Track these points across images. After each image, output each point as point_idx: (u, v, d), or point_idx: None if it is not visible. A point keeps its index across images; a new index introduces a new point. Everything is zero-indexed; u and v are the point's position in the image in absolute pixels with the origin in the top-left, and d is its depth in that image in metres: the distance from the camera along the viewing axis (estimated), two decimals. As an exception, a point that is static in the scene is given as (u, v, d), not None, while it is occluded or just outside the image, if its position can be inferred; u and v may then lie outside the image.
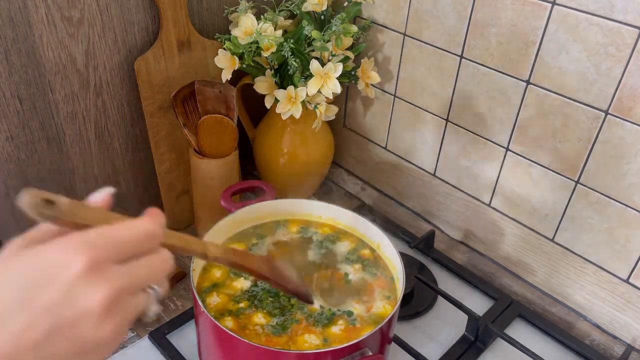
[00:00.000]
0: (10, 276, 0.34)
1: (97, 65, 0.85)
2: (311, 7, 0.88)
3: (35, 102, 0.81)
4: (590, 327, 0.86)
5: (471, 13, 0.83)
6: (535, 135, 0.84)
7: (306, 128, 0.97)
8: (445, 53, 0.89)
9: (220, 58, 0.88)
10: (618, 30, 0.70)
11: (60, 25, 0.79)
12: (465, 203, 0.97)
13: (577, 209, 0.83)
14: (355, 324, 0.65)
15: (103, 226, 0.37)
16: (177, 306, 0.86)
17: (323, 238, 0.77)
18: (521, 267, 0.93)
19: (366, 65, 0.93)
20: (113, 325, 0.35)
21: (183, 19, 0.89)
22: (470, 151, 0.93)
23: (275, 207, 0.78)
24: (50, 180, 0.88)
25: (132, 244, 0.38)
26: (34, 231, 0.37)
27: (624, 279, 0.81)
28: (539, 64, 0.79)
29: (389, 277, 0.72)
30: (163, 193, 0.97)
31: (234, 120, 0.89)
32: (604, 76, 0.73)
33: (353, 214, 0.77)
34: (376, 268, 0.73)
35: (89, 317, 0.34)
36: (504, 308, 0.86)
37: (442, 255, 0.96)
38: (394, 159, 1.06)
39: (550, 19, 0.75)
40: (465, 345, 0.81)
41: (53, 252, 0.35)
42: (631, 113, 0.73)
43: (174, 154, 0.95)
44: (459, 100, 0.91)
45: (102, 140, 0.91)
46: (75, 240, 0.35)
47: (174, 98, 0.86)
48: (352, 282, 0.71)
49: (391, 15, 0.94)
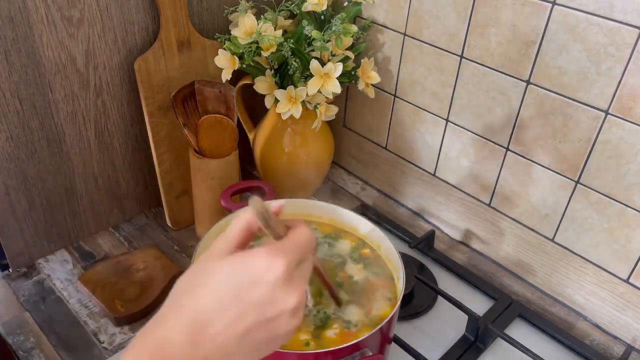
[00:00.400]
0: (226, 276, 0.42)
1: (97, 65, 0.85)
2: (311, 7, 0.88)
3: (35, 102, 0.81)
4: (590, 327, 0.86)
5: (471, 13, 0.83)
6: (535, 135, 0.84)
7: (306, 128, 0.97)
8: (445, 53, 0.89)
9: (220, 58, 0.88)
10: (618, 30, 0.70)
11: (60, 25, 0.79)
12: (465, 203, 0.97)
13: (577, 209, 0.83)
14: (350, 327, 0.65)
15: (288, 235, 0.45)
16: (177, 306, 0.86)
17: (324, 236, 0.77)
18: (521, 267, 0.93)
19: (366, 65, 0.93)
20: (297, 320, 0.44)
21: (183, 19, 0.89)
22: (470, 151, 0.93)
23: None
24: (50, 180, 0.88)
25: (306, 250, 0.45)
26: (224, 242, 0.46)
27: (624, 279, 0.81)
28: (539, 64, 0.79)
29: (389, 277, 0.72)
30: (163, 193, 0.97)
31: (234, 120, 0.89)
32: (604, 76, 0.73)
33: (353, 214, 0.77)
34: (377, 267, 0.73)
35: (285, 315, 0.42)
36: (504, 308, 0.86)
37: (442, 255, 0.96)
38: (394, 159, 1.06)
39: (550, 19, 0.75)
40: (466, 345, 0.81)
41: (259, 258, 0.42)
42: (631, 113, 0.73)
43: (174, 154, 0.95)
44: (459, 100, 0.91)
45: (102, 140, 0.91)
46: (273, 248, 0.43)
47: (174, 98, 0.86)
48: (357, 282, 0.71)
49: (391, 15, 0.94)
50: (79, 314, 0.84)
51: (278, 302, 0.42)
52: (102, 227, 0.99)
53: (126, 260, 0.91)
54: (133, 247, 0.96)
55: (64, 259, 0.93)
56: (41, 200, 0.88)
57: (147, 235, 0.99)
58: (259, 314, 0.42)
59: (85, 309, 0.85)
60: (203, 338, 0.41)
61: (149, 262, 0.91)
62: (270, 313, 0.42)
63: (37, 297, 0.86)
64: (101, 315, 0.84)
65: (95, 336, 0.81)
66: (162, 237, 0.99)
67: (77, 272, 0.91)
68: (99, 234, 0.99)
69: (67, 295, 0.87)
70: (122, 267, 0.90)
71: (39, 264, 0.92)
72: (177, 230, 1.01)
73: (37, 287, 0.88)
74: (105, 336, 0.81)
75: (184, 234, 1.00)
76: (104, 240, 0.97)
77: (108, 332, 0.81)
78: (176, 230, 1.01)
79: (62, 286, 0.88)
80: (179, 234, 1.00)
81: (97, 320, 0.83)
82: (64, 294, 0.87)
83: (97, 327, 0.82)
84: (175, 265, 0.91)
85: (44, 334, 0.81)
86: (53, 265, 0.92)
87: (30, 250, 0.91)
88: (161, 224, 1.02)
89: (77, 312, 0.84)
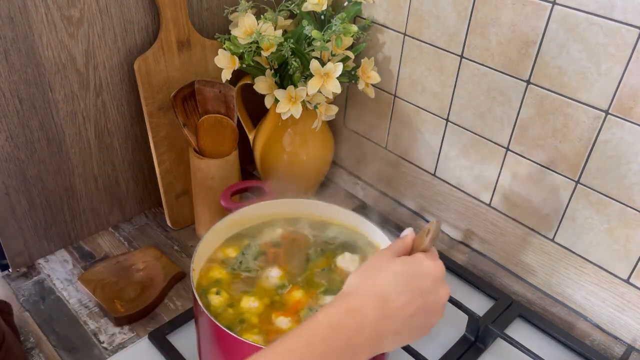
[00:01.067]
0: (401, 268, 0.55)
1: (97, 65, 0.85)
2: (311, 7, 0.88)
3: (35, 101, 0.81)
4: (590, 327, 0.86)
5: (471, 13, 0.83)
6: (535, 135, 0.84)
7: (306, 128, 0.97)
8: (445, 53, 0.89)
9: (220, 58, 0.88)
10: (618, 30, 0.70)
11: (60, 25, 0.79)
12: (465, 203, 0.97)
13: (577, 209, 0.83)
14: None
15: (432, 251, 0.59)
16: (177, 306, 0.86)
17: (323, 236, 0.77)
18: (521, 267, 0.93)
19: (366, 65, 0.93)
20: (443, 312, 0.56)
21: (183, 19, 0.89)
22: (470, 151, 0.93)
23: (275, 207, 0.78)
24: (50, 180, 0.88)
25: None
26: (390, 250, 0.58)
27: (624, 279, 0.81)
28: (539, 64, 0.79)
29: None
30: (163, 193, 0.97)
31: (234, 120, 0.89)
32: (604, 76, 0.73)
33: (353, 213, 0.77)
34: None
35: (440, 303, 0.55)
36: (504, 308, 0.86)
37: (442, 255, 0.96)
38: (394, 159, 1.06)
39: (550, 19, 0.75)
40: (466, 346, 0.81)
41: (427, 259, 0.56)
42: (631, 113, 0.73)
43: (174, 154, 0.95)
44: (459, 100, 0.91)
45: (101, 140, 0.91)
46: (435, 255, 0.58)
47: (174, 98, 0.86)
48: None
49: (391, 15, 0.94)
50: (79, 314, 0.84)
51: (438, 293, 0.55)
52: (102, 227, 0.99)
53: (126, 260, 0.91)
54: (133, 247, 0.96)
55: (64, 259, 0.93)
56: (41, 200, 0.88)
57: (147, 235, 0.99)
58: (424, 300, 0.54)
59: (85, 309, 0.85)
60: (387, 308, 0.52)
61: (149, 262, 0.91)
62: (432, 300, 0.54)
63: (37, 297, 0.86)
64: (101, 315, 0.84)
65: (95, 336, 0.81)
66: (162, 237, 0.99)
67: (77, 272, 0.91)
68: (99, 234, 0.99)
69: (67, 295, 0.87)
70: (122, 267, 0.90)
71: (39, 264, 0.92)
72: (177, 230, 1.01)
73: (37, 287, 0.88)
74: (105, 336, 0.81)
75: (184, 234, 1.00)
76: (104, 240, 0.97)
77: (108, 332, 0.81)
78: (176, 230, 1.01)
79: (62, 286, 0.88)
80: (179, 234, 1.00)
81: (97, 320, 0.83)
82: (64, 294, 0.87)
83: (97, 327, 0.82)
84: (175, 265, 0.91)
85: (44, 334, 0.80)
86: (53, 265, 0.92)
87: (30, 250, 0.91)
88: (161, 224, 1.02)
89: (77, 312, 0.84)
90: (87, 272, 0.89)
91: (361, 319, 0.51)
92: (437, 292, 0.55)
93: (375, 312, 0.51)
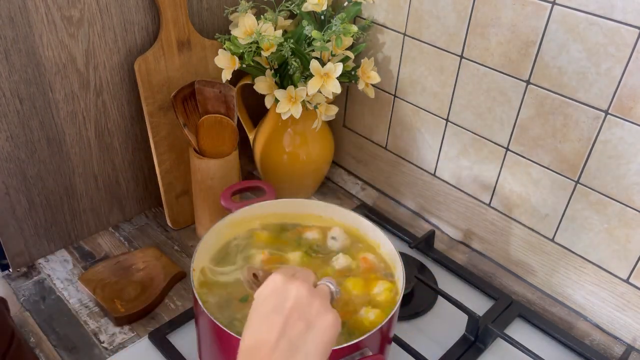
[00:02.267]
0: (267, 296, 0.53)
1: (97, 65, 0.85)
2: (311, 7, 0.88)
3: (35, 101, 0.81)
4: (590, 327, 0.86)
5: (471, 13, 0.83)
6: (535, 135, 0.84)
7: (306, 128, 0.97)
8: (445, 53, 0.89)
9: (220, 58, 0.88)
10: (618, 30, 0.70)
11: (60, 25, 0.79)
12: (465, 203, 0.97)
13: (577, 209, 0.83)
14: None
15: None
16: (177, 306, 0.86)
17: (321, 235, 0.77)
18: (521, 267, 0.93)
19: (366, 65, 0.93)
20: (331, 312, 0.52)
21: (183, 19, 0.89)
22: (470, 151, 0.93)
23: (275, 207, 0.78)
24: (50, 180, 0.88)
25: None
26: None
27: (624, 279, 0.82)
28: (539, 64, 0.79)
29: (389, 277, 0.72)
30: (163, 193, 0.97)
31: (234, 120, 0.89)
32: (604, 76, 0.73)
33: (353, 213, 0.77)
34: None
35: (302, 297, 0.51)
36: (504, 308, 0.86)
37: (442, 255, 0.96)
38: (394, 159, 1.06)
39: (550, 19, 0.75)
40: (465, 345, 0.81)
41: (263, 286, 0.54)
42: (631, 113, 0.73)
43: (174, 154, 0.95)
44: (459, 100, 0.91)
45: (102, 140, 0.91)
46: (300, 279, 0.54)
47: (174, 98, 0.86)
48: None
49: (391, 15, 0.94)
50: (79, 314, 0.84)
51: (288, 292, 0.52)
52: (102, 227, 0.99)
53: (126, 260, 0.91)
54: (133, 247, 0.96)
55: (64, 259, 0.93)
56: (41, 200, 0.88)
57: (147, 235, 0.99)
58: (283, 311, 0.51)
59: (85, 309, 0.85)
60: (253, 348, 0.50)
61: (149, 262, 0.91)
62: (290, 303, 0.51)
63: (37, 297, 0.86)
64: (101, 315, 0.84)
65: (95, 336, 0.81)
66: (162, 237, 0.99)
67: (77, 272, 0.91)
68: (99, 233, 0.99)
69: (67, 295, 0.87)
70: (122, 267, 0.90)
71: (39, 264, 0.92)
72: (177, 230, 1.01)
73: (37, 287, 0.88)
74: (105, 336, 0.81)
75: (184, 234, 1.00)
76: (104, 240, 0.97)
77: (108, 332, 0.81)
78: (176, 230, 1.01)
79: (62, 286, 0.88)
80: (179, 234, 1.00)
81: (97, 320, 0.83)
82: (64, 294, 0.87)
83: (97, 327, 0.82)
84: (175, 265, 0.91)
85: (44, 334, 0.81)
86: (53, 265, 0.92)
87: (30, 250, 0.91)
88: (161, 224, 1.02)
89: (77, 312, 0.84)
90: (87, 272, 0.89)
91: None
92: (287, 295, 0.52)
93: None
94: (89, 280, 0.87)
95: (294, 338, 0.49)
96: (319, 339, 0.50)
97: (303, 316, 0.51)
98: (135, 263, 0.91)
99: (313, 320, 0.51)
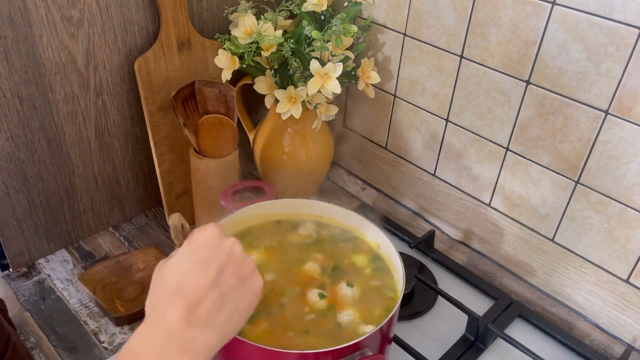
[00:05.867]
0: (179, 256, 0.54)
1: (97, 65, 0.85)
2: (311, 7, 0.88)
3: (35, 102, 0.81)
4: (590, 327, 0.86)
5: (471, 13, 0.83)
6: (535, 135, 0.84)
7: (306, 128, 0.97)
8: (445, 53, 0.89)
9: (220, 58, 0.88)
10: (618, 30, 0.70)
11: (60, 25, 0.79)
12: (465, 203, 0.97)
13: (577, 209, 0.83)
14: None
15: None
16: (177, 306, 0.86)
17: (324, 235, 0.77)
18: (521, 267, 0.93)
19: (366, 65, 0.93)
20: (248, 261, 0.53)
21: (183, 19, 0.89)
22: (470, 151, 0.93)
23: (275, 207, 0.78)
24: (50, 180, 0.88)
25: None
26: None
27: (624, 279, 0.82)
28: (539, 64, 0.79)
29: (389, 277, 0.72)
30: (163, 193, 0.97)
31: (234, 120, 0.89)
32: (604, 76, 0.73)
33: (353, 213, 0.77)
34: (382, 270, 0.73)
35: (235, 254, 0.53)
36: (504, 308, 0.86)
37: (442, 255, 0.96)
38: (393, 159, 1.06)
39: (550, 19, 0.75)
40: (465, 345, 0.81)
41: (196, 234, 0.55)
42: (631, 113, 0.73)
43: (174, 154, 0.95)
44: (459, 100, 0.91)
45: (102, 140, 0.91)
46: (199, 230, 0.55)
47: (174, 98, 0.86)
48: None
49: (391, 15, 0.94)
50: (79, 314, 0.84)
51: (225, 245, 0.53)
52: (102, 227, 0.99)
53: (126, 260, 0.91)
54: (133, 247, 0.96)
55: (64, 259, 0.93)
56: (41, 200, 0.88)
57: (147, 235, 0.99)
58: (219, 263, 0.51)
59: (85, 309, 0.85)
60: (184, 294, 0.49)
61: (149, 262, 0.91)
62: (225, 257, 0.52)
63: (37, 297, 0.86)
64: (101, 315, 0.84)
65: (95, 336, 0.81)
66: (162, 237, 0.99)
67: (77, 272, 0.91)
68: (99, 233, 0.99)
69: (67, 295, 0.87)
70: (122, 267, 0.90)
71: (39, 264, 0.92)
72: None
73: (37, 287, 0.88)
74: (105, 336, 0.81)
75: (184, 234, 1.00)
76: (104, 240, 0.97)
77: (108, 332, 0.81)
78: (176, 230, 1.01)
79: (62, 286, 0.88)
80: (179, 234, 1.00)
81: (97, 320, 0.83)
82: (64, 294, 0.87)
83: (97, 327, 0.82)
84: (175, 265, 0.91)
85: (44, 334, 0.81)
86: (53, 265, 0.92)
87: (30, 250, 0.91)
88: (161, 224, 1.02)
89: (77, 312, 0.84)
90: (87, 272, 0.89)
91: (165, 325, 0.48)
92: (223, 248, 0.52)
93: (178, 309, 0.48)
94: (89, 280, 0.87)
95: (225, 290, 0.50)
96: (248, 299, 0.52)
97: (238, 272, 0.51)
98: (135, 263, 0.91)
99: (246, 279, 0.52)
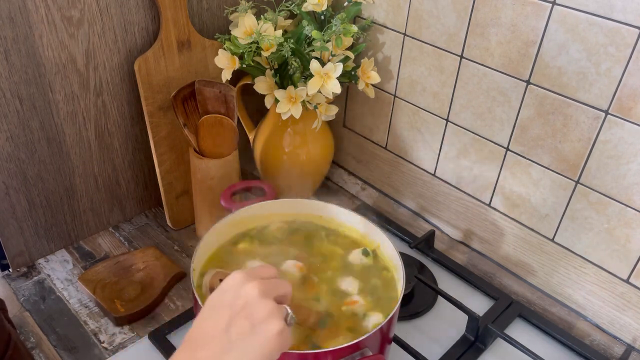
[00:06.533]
0: (204, 308, 0.53)
1: (97, 65, 0.85)
2: (311, 7, 0.88)
3: (35, 102, 0.81)
4: (590, 327, 0.86)
5: (471, 13, 0.83)
6: (535, 135, 0.84)
7: (306, 128, 0.97)
8: (445, 53, 0.89)
9: (220, 58, 0.88)
10: (618, 30, 0.70)
11: (60, 25, 0.79)
12: (465, 203, 0.97)
13: (577, 209, 0.83)
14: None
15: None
16: (177, 306, 0.86)
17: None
18: (521, 267, 0.93)
19: (366, 65, 0.93)
20: (277, 320, 0.51)
21: (183, 19, 0.89)
22: (470, 151, 0.93)
23: (275, 207, 0.78)
24: (50, 180, 0.88)
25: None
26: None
27: (624, 279, 0.81)
28: (538, 64, 0.79)
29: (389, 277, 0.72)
30: (163, 193, 0.97)
31: (234, 120, 0.89)
32: (604, 76, 0.73)
33: (353, 213, 0.77)
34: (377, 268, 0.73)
35: (254, 301, 0.51)
36: (504, 308, 0.86)
37: (442, 255, 0.96)
38: (393, 159, 1.06)
39: (550, 19, 0.75)
40: (465, 345, 0.81)
41: (222, 284, 0.54)
42: (631, 113, 0.73)
43: (174, 154, 0.95)
44: (459, 100, 0.91)
45: (102, 140, 0.91)
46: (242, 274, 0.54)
47: (174, 98, 0.86)
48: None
49: (391, 15, 0.94)
50: (79, 314, 0.84)
51: (242, 290, 0.52)
52: (102, 227, 0.99)
53: (126, 260, 0.91)
54: (133, 247, 0.96)
55: (64, 259, 0.93)
56: (41, 200, 0.88)
57: (147, 235, 0.99)
58: (233, 308, 0.51)
59: (85, 309, 0.85)
60: (193, 340, 0.50)
61: (149, 262, 0.91)
62: (241, 301, 0.51)
63: (37, 297, 0.86)
64: (101, 315, 0.84)
65: (95, 336, 0.81)
66: (162, 237, 0.99)
67: (77, 272, 0.91)
68: (99, 234, 0.99)
69: (67, 295, 0.87)
70: (122, 267, 0.90)
71: (39, 264, 0.92)
72: (177, 230, 1.01)
73: (37, 287, 0.88)
74: (105, 336, 0.81)
75: (184, 234, 1.00)
76: (104, 240, 0.98)
77: (108, 332, 0.81)
78: (176, 230, 1.01)
79: (62, 286, 0.88)
80: (179, 234, 1.00)
81: (97, 320, 0.83)
82: (64, 294, 0.87)
83: (97, 327, 0.82)
84: (175, 265, 0.91)
85: (44, 334, 0.81)
86: (53, 265, 0.92)
87: (30, 250, 0.91)
88: (161, 224, 1.02)
89: (77, 312, 0.84)
90: (87, 272, 0.89)
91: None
92: (240, 293, 0.52)
93: (182, 354, 0.50)
94: (89, 280, 0.87)
95: (233, 335, 0.49)
96: (258, 345, 0.49)
97: (250, 317, 0.50)
98: (135, 263, 0.91)
99: (258, 323, 0.50)
